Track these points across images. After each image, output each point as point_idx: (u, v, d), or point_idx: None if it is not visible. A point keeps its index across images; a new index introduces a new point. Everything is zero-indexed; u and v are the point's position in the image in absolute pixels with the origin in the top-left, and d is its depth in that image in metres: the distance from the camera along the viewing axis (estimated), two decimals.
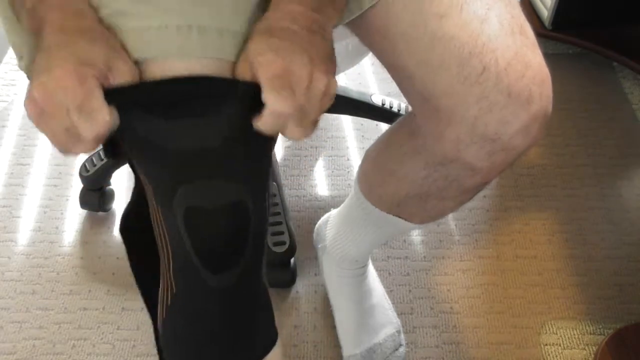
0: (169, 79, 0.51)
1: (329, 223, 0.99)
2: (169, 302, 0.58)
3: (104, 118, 0.48)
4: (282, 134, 0.53)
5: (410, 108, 1.26)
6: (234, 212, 0.52)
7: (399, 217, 0.77)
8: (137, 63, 0.51)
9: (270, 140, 0.56)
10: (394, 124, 0.75)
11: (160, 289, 0.59)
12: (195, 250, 0.52)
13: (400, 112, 1.24)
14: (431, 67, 0.57)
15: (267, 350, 0.62)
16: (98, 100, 0.47)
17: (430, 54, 0.57)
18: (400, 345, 1.00)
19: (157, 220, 0.55)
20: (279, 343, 0.65)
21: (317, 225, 1.05)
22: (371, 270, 1.04)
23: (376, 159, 0.78)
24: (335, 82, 0.56)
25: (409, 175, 0.69)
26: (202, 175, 0.51)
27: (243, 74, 0.52)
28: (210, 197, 0.51)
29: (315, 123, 0.55)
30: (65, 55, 0.47)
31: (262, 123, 0.51)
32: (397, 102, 1.25)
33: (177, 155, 0.51)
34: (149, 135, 0.51)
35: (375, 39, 0.62)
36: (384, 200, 0.77)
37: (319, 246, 1.02)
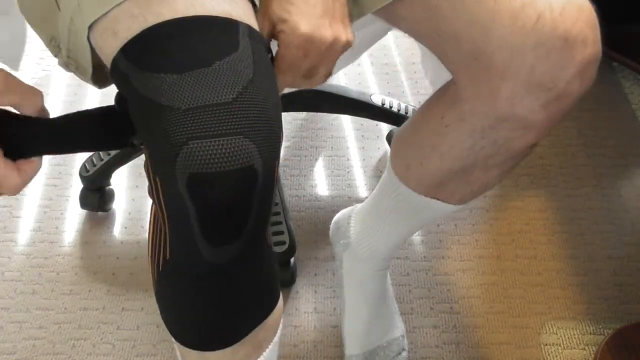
0: (162, 23, 0.48)
1: (353, 219, 0.96)
2: (160, 268, 0.55)
3: (10, 183, 0.49)
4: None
5: (409, 108, 1.25)
6: (242, 178, 0.47)
7: (436, 199, 0.75)
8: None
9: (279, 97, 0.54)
10: (428, 100, 0.74)
11: (152, 245, 0.56)
12: (199, 218, 0.48)
13: (400, 112, 1.23)
14: (481, 24, 0.57)
15: (266, 314, 0.61)
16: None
17: (479, 11, 0.57)
18: (403, 349, 1.00)
19: (154, 192, 0.51)
20: (280, 303, 0.63)
21: (335, 221, 1.02)
22: (387, 273, 1.03)
23: (413, 137, 0.75)
24: (353, 33, 0.57)
25: (453, 148, 0.68)
26: (208, 134, 0.45)
27: (263, 30, 0.52)
28: (218, 160, 0.46)
29: (329, 74, 0.58)
30: None
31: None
32: (397, 102, 1.25)
33: (181, 113, 0.46)
34: (149, 94, 0.47)
35: (414, 12, 0.62)
36: (424, 180, 0.75)
37: (341, 242, 0.98)
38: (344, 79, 1.46)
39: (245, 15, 0.52)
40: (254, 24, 0.53)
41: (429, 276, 1.12)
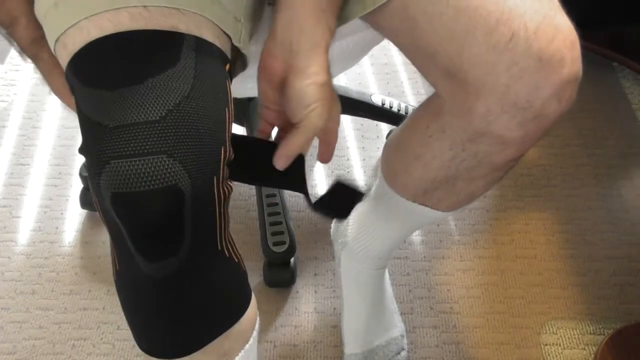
0: (104, 37, 0.48)
1: (351, 218, 0.96)
2: (115, 277, 0.56)
3: None
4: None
5: (409, 108, 1.25)
6: (166, 197, 0.47)
7: (425, 205, 0.75)
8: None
9: (228, 116, 0.53)
10: (416, 108, 0.73)
11: (110, 252, 0.57)
12: (129, 236, 0.49)
13: (400, 112, 1.24)
14: (457, 40, 0.56)
15: (227, 324, 0.60)
16: None
17: (455, 27, 0.56)
18: (403, 349, 1.00)
19: (95, 201, 0.51)
20: (249, 313, 0.62)
21: (335, 220, 1.02)
22: (385, 272, 1.03)
23: (400, 144, 0.76)
24: None
25: (435, 158, 0.68)
26: (130, 153, 0.45)
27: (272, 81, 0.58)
28: (138, 179, 0.45)
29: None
30: None
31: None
32: (397, 102, 1.25)
33: (108, 131, 0.46)
34: (82, 108, 0.48)
35: (393, 23, 0.61)
36: (410, 187, 0.75)
37: (339, 241, 0.99)
38: (344, 79, 1.46)
39: (195, 27, 0.51)
40: (208, 36, 0.52)
41: (429, 276, 1.12)
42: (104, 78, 0.48)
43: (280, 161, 0.61)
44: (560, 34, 0.55)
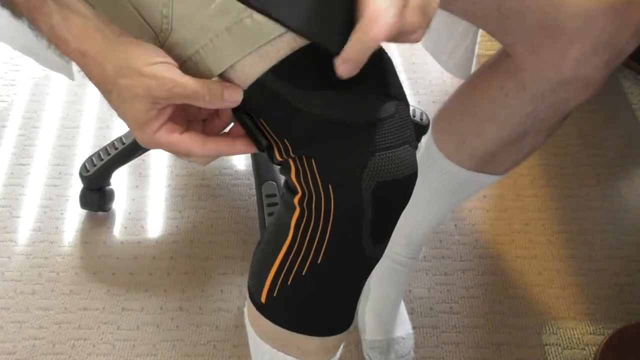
0: (304, 47, 0.50)
1: None
2: (303, 271, 0.57)
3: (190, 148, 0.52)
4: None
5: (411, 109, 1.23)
6: (413, 182, 0.54)
7: (483, 172, 0.78)
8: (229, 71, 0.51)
9: None
10: (474, 75, 0.77)
11: (292, 252, 0.58)
12: (373, 221, 0.53)
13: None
14: None
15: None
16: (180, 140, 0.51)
17: None
18: (411, 346, 1.01)
19: (317, 200, 0.53)
20: None
21: None
22: None
23: (468, 111, 0.77)
24: None
25: (514, 115, 0.71)
26: (388, 146, 0.51)
27: None
28: (398, 168, 0.52)
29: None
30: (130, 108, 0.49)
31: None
32: None
33: (360, 127, 0.51)
34: (317, 110, 0.50)
35: None
36: (477, 153, 0.77)
37: None
38: None
39: None
40: None
41: (429, 276, 1.12)
42: (326, 80, 0.50)
43: (346, 66, 0.47)
44: None
